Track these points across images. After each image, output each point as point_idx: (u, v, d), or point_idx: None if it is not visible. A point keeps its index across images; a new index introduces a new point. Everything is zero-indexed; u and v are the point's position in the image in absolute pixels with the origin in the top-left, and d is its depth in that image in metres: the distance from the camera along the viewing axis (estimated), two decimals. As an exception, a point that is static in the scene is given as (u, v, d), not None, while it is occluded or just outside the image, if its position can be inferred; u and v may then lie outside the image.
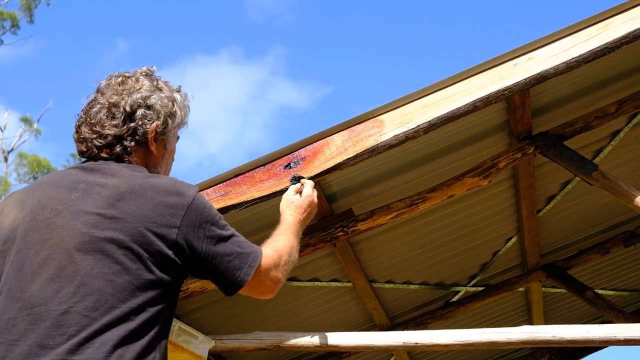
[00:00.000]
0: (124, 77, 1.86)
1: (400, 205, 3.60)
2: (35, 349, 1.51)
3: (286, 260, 1.92)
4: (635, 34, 3.03)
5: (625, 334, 3.37)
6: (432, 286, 5.07)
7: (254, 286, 1.79)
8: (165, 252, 1.63)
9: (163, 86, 1.89)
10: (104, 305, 1.54)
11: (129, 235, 1.60)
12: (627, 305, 6.40)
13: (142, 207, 1.63)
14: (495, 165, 3.61)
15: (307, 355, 5.10)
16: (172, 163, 1.98)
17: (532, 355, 6.69)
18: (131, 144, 1.80)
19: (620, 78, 3.77)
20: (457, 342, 3.51)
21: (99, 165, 1.76)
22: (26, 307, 1.56)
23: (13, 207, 1.72)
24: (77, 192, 1.68)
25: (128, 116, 1.80)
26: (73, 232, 1.61)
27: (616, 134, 4.25)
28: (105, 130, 1.78)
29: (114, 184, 1.68)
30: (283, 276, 1.89)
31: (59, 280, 1.56)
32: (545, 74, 3.05)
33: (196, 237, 1.68)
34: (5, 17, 20.56)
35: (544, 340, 3.48)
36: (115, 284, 1.56)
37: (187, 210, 1.68)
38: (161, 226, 1.63)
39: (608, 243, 5.27)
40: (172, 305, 1.69)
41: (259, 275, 1.79)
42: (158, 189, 1.68)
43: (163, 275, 1.63)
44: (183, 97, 1.94)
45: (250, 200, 3.02)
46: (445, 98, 3.08)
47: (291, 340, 3.60)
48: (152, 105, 1.83)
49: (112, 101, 1.80)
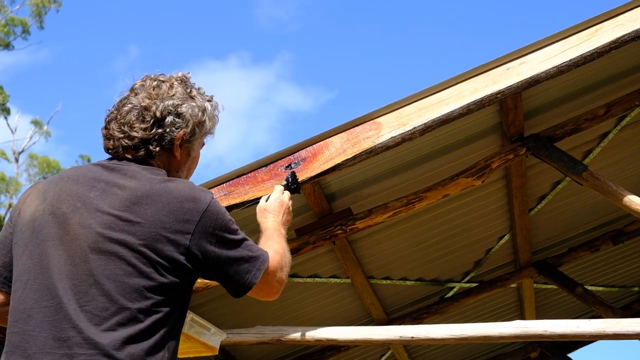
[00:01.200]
0: (159, 82, 1.82)
1: (397, 204, 3.60)
2: (50, 341, 1.52)
3: (286, 262, 1.90)
4: (623, 39, 3.03)
5: (614, 328, 3.37)
6: (428, 282, 5.07)
7: (261, 288, 1.78)
8: (177, 258, 1.62)
9: (196, 94, 1.86)
10: (114, 305, 1.54)
11: (142, 239, 1.59)
12: (615, 300, 6.41)
13: (157, 212, 1.62)
14: (489, 165, 3.61)
15: (307, 349, 5.10)
16: (194, 168, 1.95)
17: (524, 349, 6.69)
18: (156, 149, 1.78)
19: (609, 82, 3.77)
20: (452, 336, 3.52)
21: (120, 165, 1.74)
22: (43, 299, 1.56)
23: (35, 197, 1.72)
24: (96, 191, 1.67)
25: (157, 121, 1.77)
26: (88, 231, 1.60)
27: (605, 135, 4.25)
28: (133, 132, 1.76)
29: (132, 186, 1.67)
30: (286, 277, 1.87)
31: (73, 277, 1.57)
32: (537, 78, 3.05)
33: (209, 242, 1.66)
34: (17, 24, 20.56)
35: (535, 334, 3.49)
36: (126, 285, 1.56)
37: (202, 217, 1.65)
38: (175, 232, 1.62)
39: (597, 241, 5.27)
40: (182, 308, 1.68)
41: (267, 277, 1.78)
42: (174, 195, 1.66)
43: (174, 279, 1.62)
44: (213, 107, 1.91)
45: (252, 200, 3.02)
46: (440, 101, 3.08)
47: (292, 335, 3.60)
48: (182, 113, 1.80)
49: (144, 104, 1.78)
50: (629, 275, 6.14)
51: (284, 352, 5.07)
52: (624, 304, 6.50)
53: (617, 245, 5.27)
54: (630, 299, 6.51)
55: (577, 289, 5.23)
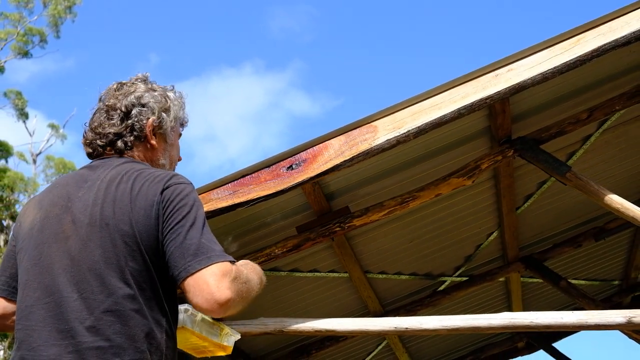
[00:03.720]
0: (120, 84, 1.86)
1: (392, 203, 3.60)
2: (54, 333, 1.51)
3: (244, 280, 1.59)
4: (604, 48, 3.03)
5: (595, 319, 3.37)
6: (421, 276, 5.06)
7: (201, 285, 1.49)
8: (152, 230, 1.58)
9: (157, 87, 1.88)
10: (107, 288, 1.53)
11: (121, 219, 1.58)
12: (597, 293, 6.41)
13: (131, 191, 1.61)
14: (478, 166, 3.60)
15: (307, 339, 5.10)
16: (176, 157, 1.93)
17: (512, 339, 6.69)
18: (130, 139, 1.79)
19: (591, 88, 3.76)
20: (444, 327, 3.51)
21: (103, 162, 1.76)
22: (44, 296, 1.56)
23: (32, 208, 1.73)
24: (83, 190, 1.67)
25: (125, 115, 1.79)
26: (79, 226, 1.60)
27: (587, 138, 4.25)
28: (105, 130, 1.78)
29: (111, 175, 1.67)
30: (236, 295, 1.53)
31: (70, 270, 1.57)
32: (524, 84, 3.04)
33: (165, 208, 1.58)
34: (35, 33, 20.56)
35: (522, 325, 3.48)
36: (117, 270, 1.55)
37: (168, 188, 1.61)
38: (146, 207, 1.59)
39: (580, 237, 5.27)
40: (173, 287, 1.63)
41: (211, 273, 1.50)
42: (149, 177, 1.65)
43: (157, 252, 1.58)
44: (177, 95, 1.92)
45: (256, 199, 3.02)
46: (433, 106, 3.07)
47: (293, 326, 3.59)
48: (146, 103, 1.82)
49: (109, 104, 1.81)
50: (609, 270, 6.14)
51: (285, 342, 5.06)
52: (604, 296, 6.50)
53: (599, 241, 5.27)
54: (610, 292, 6.51)
55: (561, 283, 5.23)
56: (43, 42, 20.66)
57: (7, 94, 20.21)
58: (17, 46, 20.24)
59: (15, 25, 20.44)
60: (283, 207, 3.58)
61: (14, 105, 20.26)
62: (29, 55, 20.56)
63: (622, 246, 5.75)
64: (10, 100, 20.20)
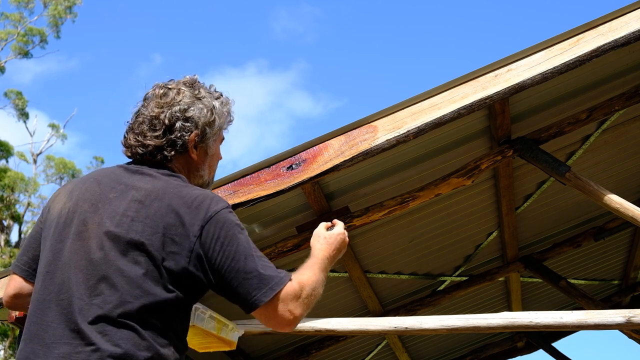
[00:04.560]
0: (166, 89, 1.80)
1: (392, 202, 3.60)
2: (67, 332, 1.52)
3: (308, 294, 1.70)
4: (603, 48, 3.04)
5: (595, 319, 3.37)
6: (421, 276, 5.06)
7: (269, 312, 1.62)
8: (182, 261, 1.59)
9: (204, 94, 1.82)
10: (118, 299, 1.54)
11: (149, 239, 1.58)
12: (597, 293, 6.41)
13: (166, 215, 1.60)
14: (478, 166, 3.61)
15: (307, 339, 5.10)
16: (216, 165, 1.91)
17: (511, 339, 6.69)
18: (171, 153, 1.76)
19: (591, 88, 3.77)
20: (444, 327, 3.51)
21: (141, 168, 1.74)
22: (60, 292, 1.57)
23: (63, 196, 1.73)
24: (115, 192, 1.67)
25: (168, 128, 1.75)
26: (104, 230, 1.60)
27: (587, 138, 4.25)
28: (147, 141, 1.75)
29: (147, 188, 1.66)
30: (303, 310, 1.67)
31: (86, 272, 1.57)
32: (523, 84, 3.05)
33: (214, 250, 1.60)
34: (35, 34, 20.57)
35: (521, 325, 3.48)
36: (131, 282, 1.55)
37: (209, 222, 1.61)
38: (181, 235, 1.59)
39: (580, 237, 5.27)
40: (185, 306, 1.65)
41: (277, 302, 1.61)
42: (185, 199, 1.63)
43: (178, 279, 1.60)
44: (223, 104, 1.87)
45: (256, 199, 3.02)
46: (433, 106, 3.08)
47: (293, 325, 3.59)
48: (191, 116, 1.77)
49: (153, 114, 1.76)
50: (608, 270, 6.14)
51: (285, 341, 5.07)
52: (604, 296, 6.50)
53: (598, 241, 5.27)
54: (610, 292, 6.51)
55: (561, 282, 5.23)
56: (43, 42, 20.68)
57: (7, 94, 20.23)
58: (18, 46, 20.26)
59: (15, 25, 20.46)
60: (283, 207, 3.58)
61: (15, 105, 20.28)
62: (29, 56, 20.58)
63: (621, 246, 5.75)
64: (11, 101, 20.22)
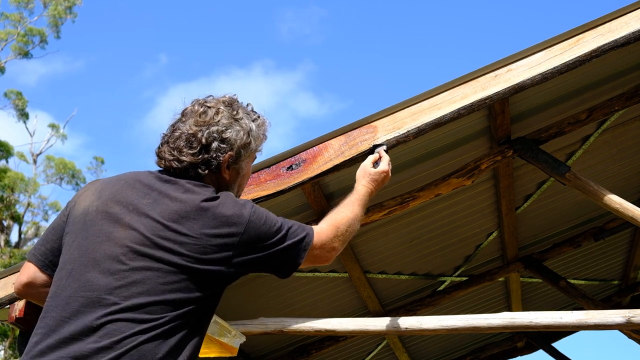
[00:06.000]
0: (206, 107, 1.82)
1: (392, 203, 3.60)
2: (86, 330, 1.53)
3: (343, 231, 1.91)
4: (603, 48, 3.03)
5: (595, 319, 3.37)
6: (421, 276, 5.06)
7: (309, 260, 1.81)
8: (219, 269, 1.64)
9: (242, 116, 1.85)
10: (146, 305, 1.55)
11: (188, 249, 1.61)
12: (597, 293, 6.41)
13: (203, 227, 1.63)
14: (478, 167, 3.61)
15: (307, 339, 5.10)
16: (245, 184, 1.95)
17: (511, 339, 6.69)
18: (205, 172, 1.79)
19: (591, 88, 3.77)
20: (444, 327, 3.51)
21: (173, 178, 1.76)
22: (83, 290, 1.58)
23: (91, 193, 1.73)
24: (148, 198, 1.68)
25: (204, 147, 1.78)
26: (135, 234, 1.62)
27: (587, 138, 4.25)
28: (182, 157, 1.77)
29: (182, 199, 1.68)
30: (340, 245, 1.89)
31: (115, 274, 1.58)
32: (523, 85, 3.04)
33: (253, 252, 1.70)
34: (35, 34, 20.56)
35: (521, 325, 3.48)
36: (162, 290, 1.57)
37: (245, 231, 1.68)
38: (219, 246, 1.64)
39: (580, 237, 5.27)
40: (210, 311, 1.70)
41: (313, 252, 1.80)
42: (219, 211, 1.67)
43: (208, 288, 1.64)
44: (259, 126, 1.89)
45: (256, 199, 3.01)
46: (433, 106, 3.07)
47: (293, 326, 3.59)
48: (227, 138, 1.80)
49: (191, 131, 1.78)
50: (608, 270, 6.14)
51: (285, 342, 5.06)
52: (604, 296, 6.50)
53: (598, 241, 5.27)
54: (610, 292, 6.51)
55: (561, 283, 5.23)
56: (43, 43, 20.68)
57: (7, 94, 20.22)
58: (18, 46, 20.26)
59: (15, 25, 20.46)
60: (283, 207, 3.58)
61: (15, 105, 20.27)
62: (29, 56, 20.57)
63: (621, 246, 5.75)
64: (11, 101, 20.22)
